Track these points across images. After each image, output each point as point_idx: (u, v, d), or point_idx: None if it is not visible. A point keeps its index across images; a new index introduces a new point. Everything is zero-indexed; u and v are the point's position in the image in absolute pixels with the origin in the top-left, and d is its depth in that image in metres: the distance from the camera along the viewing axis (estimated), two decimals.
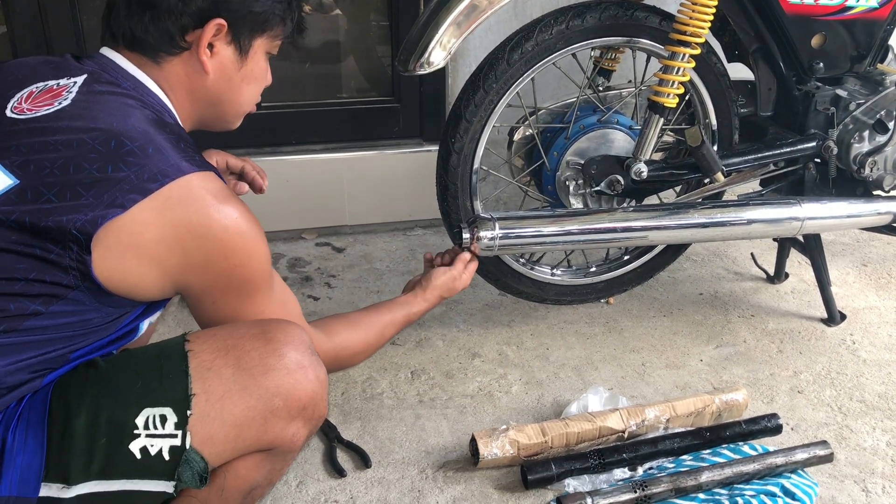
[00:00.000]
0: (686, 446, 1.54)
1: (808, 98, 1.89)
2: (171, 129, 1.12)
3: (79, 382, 1.04)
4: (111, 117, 1.07)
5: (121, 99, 1.11)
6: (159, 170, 1.03)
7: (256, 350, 1.09)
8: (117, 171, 1.02)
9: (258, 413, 1.08)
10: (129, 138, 1.04)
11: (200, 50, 1.18)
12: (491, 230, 1.68)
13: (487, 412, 1.70)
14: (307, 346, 1.14)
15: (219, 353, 1.08)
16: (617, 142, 1.85)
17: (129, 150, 1.03)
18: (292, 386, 1.10)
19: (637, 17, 1.74)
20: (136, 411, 1.02)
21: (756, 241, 2.42)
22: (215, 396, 1.05)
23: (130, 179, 1.01)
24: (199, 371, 1.06)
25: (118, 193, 1.00)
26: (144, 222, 1.02)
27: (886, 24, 1.88)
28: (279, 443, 1.12)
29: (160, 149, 1.05)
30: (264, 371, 1.08)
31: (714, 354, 1.91)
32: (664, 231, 1.79)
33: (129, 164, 1.02)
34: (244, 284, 1.15)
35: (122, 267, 1.02)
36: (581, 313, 2.08)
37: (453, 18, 1.61)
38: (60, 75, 1.16)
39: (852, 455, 1.58)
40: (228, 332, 1.12)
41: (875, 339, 1.98)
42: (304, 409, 1.12)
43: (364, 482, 1.50)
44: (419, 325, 2.01)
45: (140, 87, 1.17)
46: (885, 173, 1.92)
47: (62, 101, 1.10)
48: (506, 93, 1.73)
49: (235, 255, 1.11)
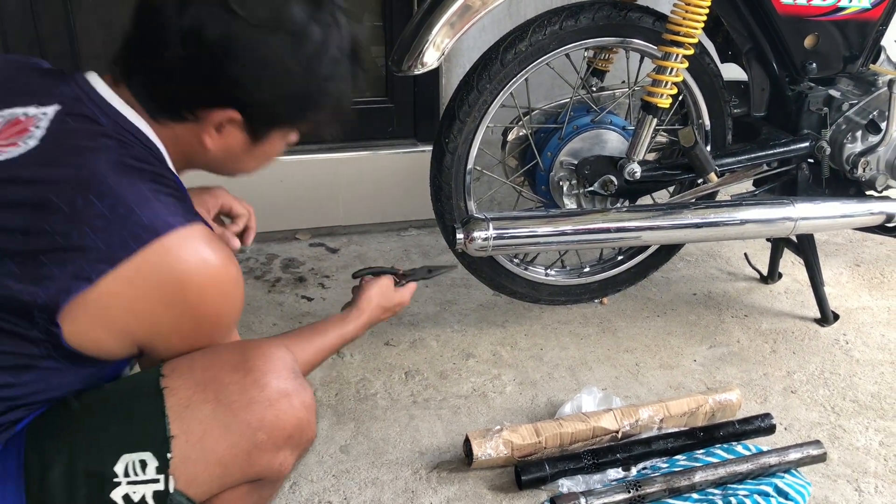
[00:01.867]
0: (680, 446, 1.55)
1: (801, 98, 1.90)
2: (152, 172, 1.02)
3: (52, 428, 0.99)
4: (80, 164, 0.96)
5: (95, 139, 1.00)
6: (131, 234, 0.94)
7: (236, 383, 1.03)
8: (83, 238, 0.93)
9: (242, 449, 1.03)
10: (97, 194, 0.94)
11: (204, 130, 1.07)
12: (485, 230, 1.68)
13: (481, 413, 1.70)
14: (290, 369, 1.08)
15: (197, 389, 1.02)
16: (610, 142, 1.85)
17: (97, 213, 0.94)
18: (276, 417, 1.04)
19: (630, 18, 1.74)
20: (115, 458, 0.97)
21: (749, 242, 2.42)
22: (195, 436, 1.00)
23: (98, 248, 0.93)
24: (176, 410, 1.00)
25: (84, 264, 0.93)
26: (112, 294, 0.95)
27: (878, 24, 1.89)
28: (267, 474, 1.08)
29: (133, 206, 0.95)
30: (246, 405, 1.02)
31: (708, 354, 1.91)
32: (658, 231, 1.80)
33: (97, 228, 0.93)
34: (208, 338, 1.08)
35: (92, 337, 0.97)
36: (575, 313, 2.08)
37: (447, 19, 1.61)
38: (30, 100, 1.03)
39: (845, 455, 1.59)
40: (206, 362, 1.05)
41: (868, 338, 1.98)
42: (290, 438, 1.07)
43: (358, 483, 1.50)
44: (413, 325, 2.01)
45: (124, 122, 1.04)
46: (878, 173, 1.92)
47: (29, 138, 0.99)
48: (499, 93, 1.73)
49: (206, 319, 1.04)
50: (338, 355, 1.87)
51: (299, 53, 1.04)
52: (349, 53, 1.10)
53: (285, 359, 1.09)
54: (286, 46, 1.03)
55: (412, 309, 2.09)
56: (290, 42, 1.03)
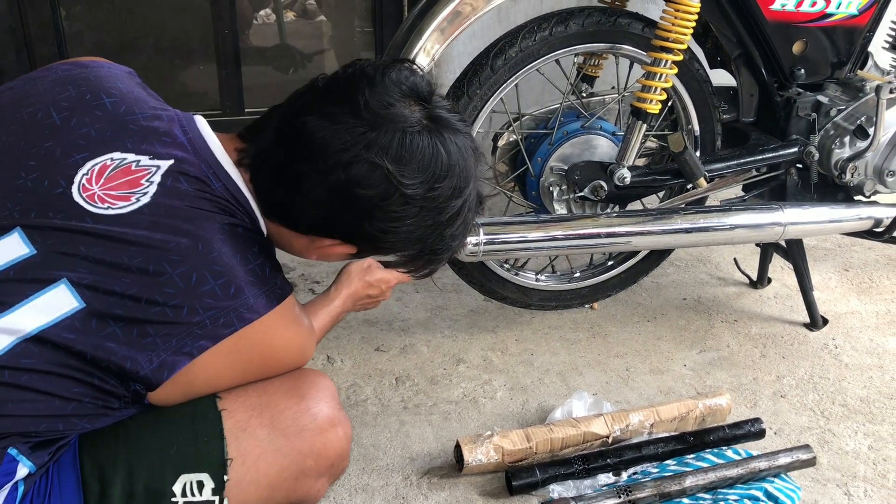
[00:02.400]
0: (670, 451, 1.55)
1: (790, 104, 1.91)
2: (258, 248, 1.04)
3: (109, 445, 1.00)
4: (195, 235, 0.97)
5: (210, 207, 1.00)
6: (237, 314, 0.98)
7: (290, 409, 1.07)
8: (193, 315, 0.95)
9: (290, 474, 1.07)
10: (211, 273, 0.96)
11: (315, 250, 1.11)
12: (475, 236, 1.68)
13: (472, 418, 1.70)
14: (336, 399, 1.14)
15: (253, 413, 1.05)
16: (600, 148, 1.86)
17: (209, 290, 0.96)
18: (323, 445, 1.09)
19: (620, 24, 1.75)
20: (173, 478, 1.00)
21: (739, 247, 2.43)
22: (251, 460, 1.04)
23: (205, 324, 0.96)
24: (233, 432, 1.03)
25: (188, 339, 0.96)
26: (204, 367, 0.98)
27: (866, 30, 1.90)
28: (306, 499, 1.12)
29: (243, 285, 0.98)
30: (298, 431, 1.07)
31: (698, 359, 1.92)
32: (648, 236, 1.80)
33: (207, 306, 0.96)
34: None
35: (168, 398, 1.01)
36: (565, 319, 2.08)
37: (437, 24, 1.61)
38: (140, 144, 1.01)
39: (835, 459, 1.59)
40: (261, 387, 1.08)
41: (857, 343, 1.99)
42: (332, 466, 1.12)
43: (348, 489, 1.49)
44: (403, 331, 2.01)
45: (235, 191, 1.03)
46: (866, 178, 1.94)
47: (140, 195, 0.97)
48: (490, 99, 1.74)
49: (280, 372, 1.10)
50: (328, 361, 1.87)
51: (437, 222, 1.07)
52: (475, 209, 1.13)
53: (331, 388, 1.13)
54: (427, 218, 1.06)
55: (403, 314, 2.09)
56: (433, 215, 1.06)
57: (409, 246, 1.10)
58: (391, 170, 1.00)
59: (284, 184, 1.04)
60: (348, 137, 0.99)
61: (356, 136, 1.00)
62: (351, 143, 0.99)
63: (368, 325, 2.03)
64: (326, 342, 1.95)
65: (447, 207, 1.07)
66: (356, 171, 1.00)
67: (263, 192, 1.06)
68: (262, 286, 1.01)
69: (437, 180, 1.04)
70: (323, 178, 1.00)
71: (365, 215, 1.03)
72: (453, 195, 1.06)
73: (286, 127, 1.04)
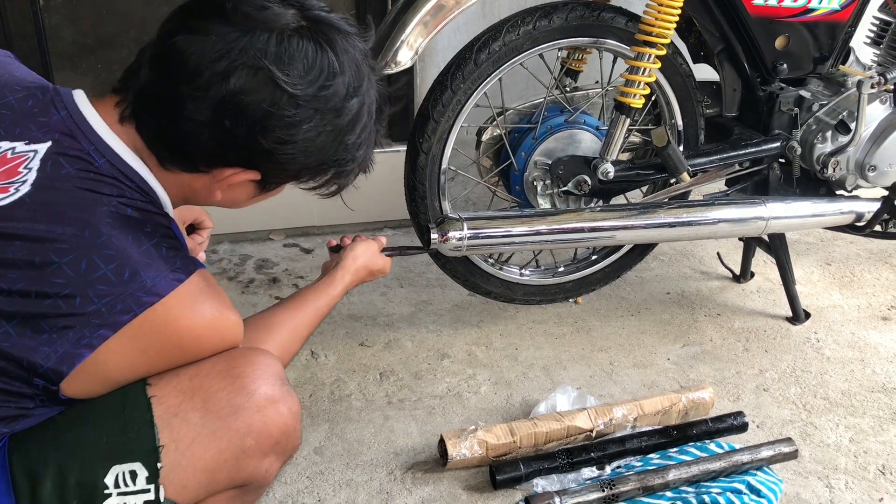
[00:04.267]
0: (653, 445, 1.55)
1: (773, 99, 1.91)
2: (153, 223, 0.99)
3: (38, 443, 0.97)
4: (82, 221, 0.92)
5: (95, 188, 0.95)
6: (134, 298, 0.94)
7: (223, 390, 1.03)
8: (86, 305, 0.91)
9: (230, 455, 1.03)
10: (102, 258, 0.92)
11: (217, 184, 1.05)
12: (459, 230, 1.68)
13: (456, 413, 1.69)
14: (277, 375, 1.08)
15: (184, 397, 1.01)
16: (584, 142, 1.86)
17: (102, 276, 0.92)
18: (263, 423, 1.04)
19: (603, 18, 1.75)
20: (105, 470, 0.97)
21: (722, 241, 2.44)
22: (184, 444, 1.00)
23: (101, 313, 0.92)
24: (164, 419, 1.00)
25: (86, 330, 0.92)
26: (111, 354, 0.94)
27: (848, 26, 1.91)
28: (253, 479, 1.08)
29: (137, 268, 0.94)
30: (233, 411, 1.03)
31: (681, 353, 1.93)
32: (631, 231, 1.80)
33: (101, 294, 0.92)
34: None
35: (87, 390, 0.98)
36: (550, 313, 2.08)
37: (420, 18, 1.61)
38: (17, 132, 0.96)
39: (816, 451, 1.60)
40: (193, 370, 1.04)
41: (839, 337, 2.00)
42: (277, 444, 1.07)
43: (332, 484, 1.49)
44: (388, 326, 2.00)
45: (120, 164, 0.98)
46: (848, 173, 1.95)
47: (19, 184, 0.93)
48: (473, 93, 1.73)
49: (201, 357, 1.05)
50: (312, 356, 1.86)
51: (336, 127, 1.03)
52: (376, 116, 1.10)
53: (273, 365, 1.09)
54: (325, 122, 1.02)
55: (387, 309, 2.08)
56: (329, 118, 1.02)
57: (312, 159, 1.05)
58: (273, 70, 0.95)
59: (168, 115, 0.98)
60: (222, 46, 0.95)
61: (230, 43, 0.95)
62: (225, 51, 0.95)
63: (353, 320, 2.03)
64: (310, 337, 1.94)
65: (344, 109, 1.02)
66: (236, 78, 0.95)
67: (151, 135, 1.01)
68: (160, 267, 0.96)
69: (327, 78, 0.99)
70: (204, 94, 0.95)
71: (257, 127, 0.98)
72: (348, 94, 1.02)
73: (157, 55, 0.99)
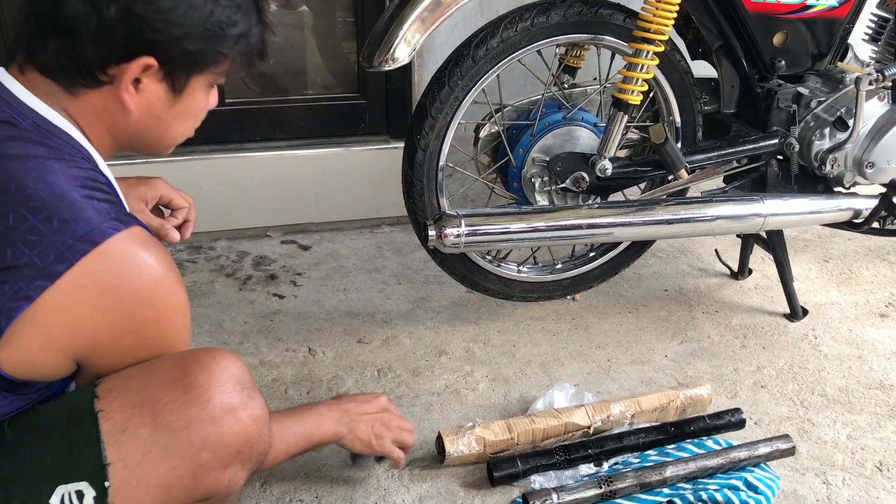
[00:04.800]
0: (651, 441, 1.55)
1: (771, 95, 1.91)
2: (82, 176, 0.97)
3: None
4: (8, 177, 0.92)
5: (21, 146, 0.95)
6: (67, 246, 0.91)
7: (174, 401, 0.98)
8: (18, 257, 0.89)
9: (185, 471, 0.98)
10: (30, 209, 0.91)
11: (122, 87, 1.00)
12: (457, 227, 1.68)
13: (454, 409, 1.69)
14: (235, 380, 1.03)
15: (133, 411, 0.97)
16: (582, 139, 1.85)
17: (30, 227, 0.90)
18: (220, 435, 0.99)
19: (601, 15, 1.75)
20: (50, 491, 0.93)
21: (720, 238, 2.44)
22: (134, 461, 0.95)
23: (34, 264, 0.90)
24: (112, 434, 0.96)
25: (21, 283, 0.89)
26: (51, 310, 0.91)
27: (846, 22, 1.91)
28: (216, 492, 1.03)
29: (67, 217, 0.92)
30: (185, 425, 0.98)
31: (679, 350, 1.93)
32: (629, 228, 1.80)
33: (32, 244, 0.90)
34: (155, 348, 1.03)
35: (30, 359, 0.94)
36: (547, 310, 2.08)
37: (418, 14, 1.60)
38: None
39: (813, 448, 1.60)
40: (142, 381, 1.00)
41: (836, 333, 2.01)
42: (239, 454, 1.02)
43: (329, 481, 1.49)
44: (385, 322, 2.00)
45: (44, 123, 0.99)
46: (846, 170, 1.95)
47: None
48: (471, 89, 1.73)
49: (148, 326, 1.00)
50: (309, 353, 1.86)
51: None
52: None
53: (230, 369, 1.03)
54: None
55: (385, 306, 2.08)
56: None
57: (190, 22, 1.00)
58: None
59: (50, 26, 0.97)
60: None
61: None
62: None
63: (350, 317, 2.03)
64: (308, 334, 1.94)
65: None
66: None
67: (47, 62, 0.99)
68: (92, 217, 0.94)
69: None
70: None
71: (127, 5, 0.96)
72: None
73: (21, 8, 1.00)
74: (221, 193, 2.35)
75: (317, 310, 2.06)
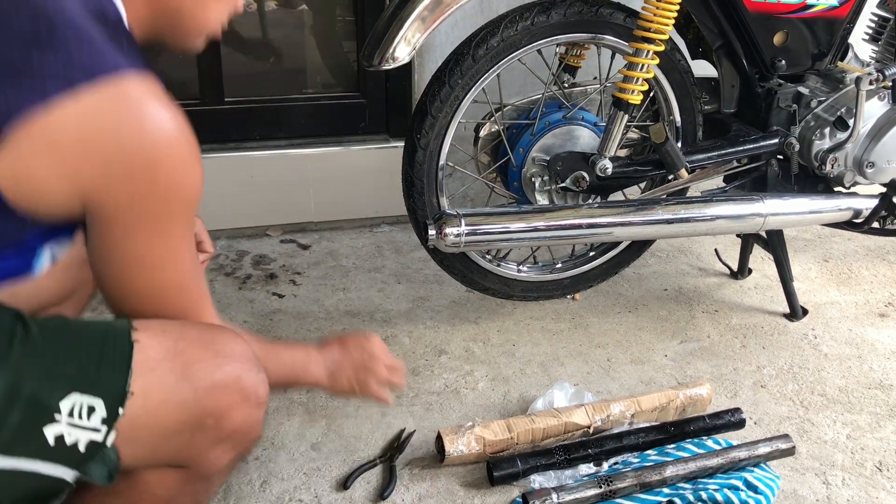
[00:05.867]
0: (651, 441, 1.55)
1: (771, 95, 1.91)
2: (112, 25, 0.95)
3: (3, 336, 0.90)
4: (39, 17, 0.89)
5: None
6: (92, 62, 0.89)
7: (204, 362, 0.99)
8: (44, 61, 0.87)
9: (188, 427, 0.99)
10: (61, 23, 0.89)
11: None
12: (457, 226, 1.67)
13: (454, 409, 1.69)
14: (253, 364, 1.05)
15: (167, 355, 0.97)
16: (582, 138, 1.85)
17: (60, 36, 0.88)
18: (228, 408, 1.01)
19: (602, 14, 1.74)
20: (63, 393, 0.90)
21: (720, 238, 2.44)
22: (152, 403, 0.95)
23: (57, 67, 0.87)
24: (142, 369, 0.95)
25: (40, 80, 0.87)
26: (65, 126, 0.88)
27: (846, 22, 1.91)
28: (196, 462, 1.04)
29: (95, 41, 0.90)
30: (207, 387, 0.99)
31: (678, 350, 1.93)
32: (629, 227, 1.80)
33: (58, 49, 0.88)
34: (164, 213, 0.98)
35: (28, 171, 0.89)
36: (547, 309, 2.08)
37: (418, 13, 1.60)
38: None
39: (813, 448, 1.60)
40: (179, 332, 1.01)
41: (836, 333, 2.00)
42: (235, 433, 1.03)
43: (329, 480, 1.48)
44: (385, 322, 2.00)
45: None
46: (846, 170, 1.95)
47: None
48: (471, 89, 1.73)
49: (162, 171, 0.95)
50: None
51: None
52: None
53: (248, 352, 1.06)
54: None
55: (384, 305, 2.08)
56: None
57: None
58: None
59: None
60: None
61: None
62: None
63: (350, 317, 2.02)
64: (307, 333, 1.94)
65: None
66: None
67: None
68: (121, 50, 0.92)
69: None
70: None
71: None
72: None
73: None
74: (221, 192, 2.34)
75: (316, 309, 2.06)
